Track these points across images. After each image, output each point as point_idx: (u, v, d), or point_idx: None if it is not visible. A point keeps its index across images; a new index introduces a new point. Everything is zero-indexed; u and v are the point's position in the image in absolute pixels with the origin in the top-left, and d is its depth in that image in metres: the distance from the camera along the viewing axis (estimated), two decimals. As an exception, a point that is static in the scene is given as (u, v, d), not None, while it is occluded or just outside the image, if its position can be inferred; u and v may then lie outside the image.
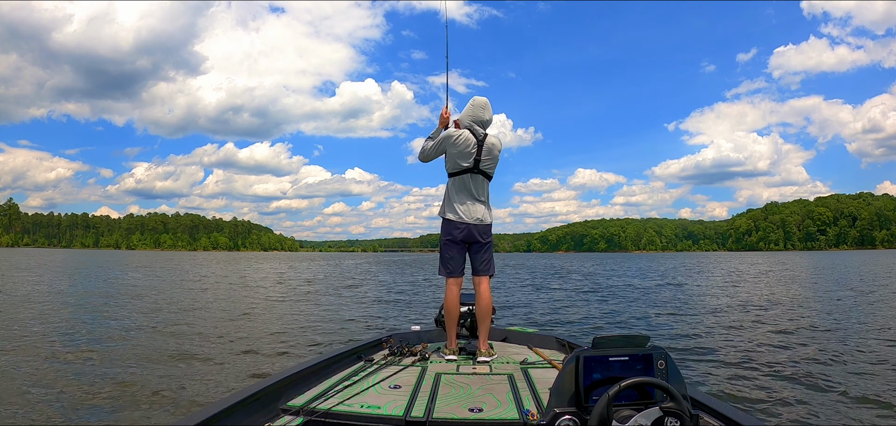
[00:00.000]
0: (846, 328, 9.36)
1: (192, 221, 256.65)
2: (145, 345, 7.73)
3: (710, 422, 2.37)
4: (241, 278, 26.00)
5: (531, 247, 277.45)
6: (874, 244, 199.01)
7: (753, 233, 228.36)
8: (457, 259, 3.90)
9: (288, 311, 12.46)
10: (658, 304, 14.00)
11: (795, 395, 5.21)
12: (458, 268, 3.91)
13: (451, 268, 3.89)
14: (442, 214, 3.98)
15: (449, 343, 3.86)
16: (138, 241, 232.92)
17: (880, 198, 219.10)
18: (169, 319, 10.52)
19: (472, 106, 3.91)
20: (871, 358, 6.88)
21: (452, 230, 3.89)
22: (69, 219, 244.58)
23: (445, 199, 3.97)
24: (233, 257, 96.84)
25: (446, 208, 3.95)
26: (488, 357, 3.69)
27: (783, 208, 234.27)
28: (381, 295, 17.45)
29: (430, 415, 2.52)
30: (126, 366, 6.43)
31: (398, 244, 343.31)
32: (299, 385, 2.94)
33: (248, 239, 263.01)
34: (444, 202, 3.99)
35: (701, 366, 6.54)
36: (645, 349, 2.18)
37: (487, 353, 3.72)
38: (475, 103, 3.91)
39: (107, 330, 9.09)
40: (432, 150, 3.97)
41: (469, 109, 3.90)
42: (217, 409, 2.34)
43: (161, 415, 4.69)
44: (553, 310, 12.97)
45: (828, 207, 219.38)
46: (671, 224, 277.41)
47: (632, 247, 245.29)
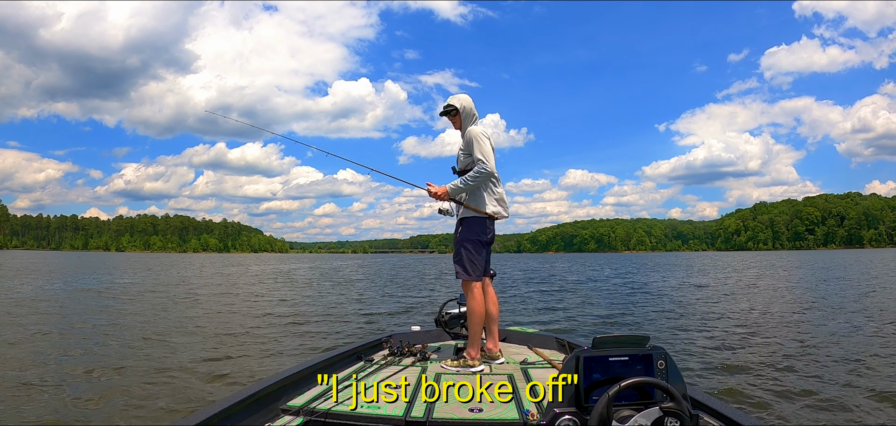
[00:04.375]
0: (843, 326, 9.46)
1: (181, 223, 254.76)
2: (145, 347, 7.70)
3: (710, 422, 2.37)
4: (236, 279, 25.88)
5: (521, 248, 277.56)
6: (862, 243, 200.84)
7: (742, 232, 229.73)
8: (482, 260, 3.74)
9: (288, 312, 12.42)
10: (658, 304, 14.07)
11: (795, 395, 5.25)
12: (484, 269, 3.78)
13: (479, 271, 3.71)
14: (475, 210, 3.72)
15: (476, 351, 3.63)
16: (128, 243, 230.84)
17: (868, 197, 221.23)
18: (168, 320, 10.48)
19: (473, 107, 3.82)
20: (871, 356, 6.94)
21: (488, 230, 3.75)
22: (58, 220, 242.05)
23: (479, 193, 3.72)
24: (223, 259, 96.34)
25: (482, 202, 3.72)
26: (500, 358, 3.72)
27: (772, 208, 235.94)
28: (380, 295, 17.42)
29: (430, 415, 2.52)
30: (126, 367, 6.40)
31: (388, 245, 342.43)
32: (299, 385, 2.94)
33: (238, 240, 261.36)
34: (474, 197, 3.73)
35: (701, 366, 6.57)
36: (645, 349, 2.18)
37: (499, 354, 3.75)
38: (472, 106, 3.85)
39: (106, 331, 9.04)
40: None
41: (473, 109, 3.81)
42: (217, 409, 2.34)
43: (161, 416, 4.68)
44: (553, 310, 13.02)
45: (816, 207, 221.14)
46: (661, 224, 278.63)
47: (621, 248, 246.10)
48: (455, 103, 3.78)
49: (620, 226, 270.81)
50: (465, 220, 3.75)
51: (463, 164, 3.74)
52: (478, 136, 3.65)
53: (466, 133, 3.74)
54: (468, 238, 3.71)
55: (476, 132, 3.68)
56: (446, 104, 3.81)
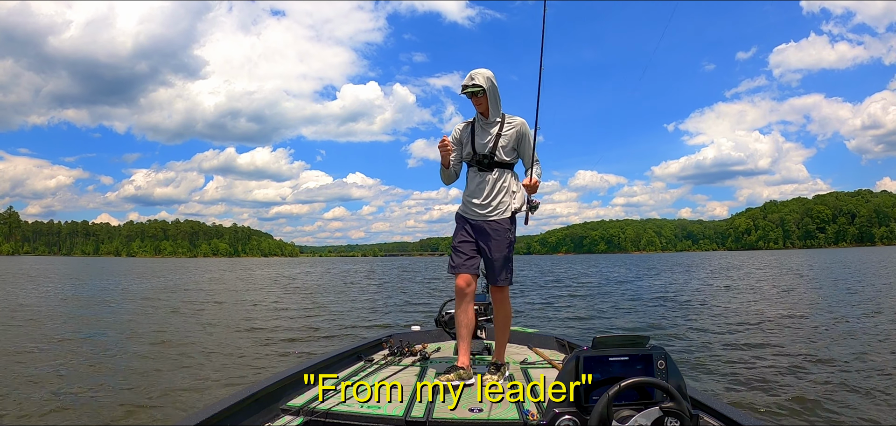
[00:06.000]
0: (846, 325, 9.40)
1: (191, 228, 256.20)
2: (145, 347, 7.78)
3: (710, 422, 2.36)
4: (241, 282, 26.00)
5: (531, 250, 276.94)
6: (873, 241, 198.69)
7: (752, 232, 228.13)
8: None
9: (288, 313, 12.50)
10: (658, 304, 14.04)
11: (796, 395, 5.24)
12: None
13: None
14: (518, 209, 3.40)
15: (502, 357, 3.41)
16: (138, 249, 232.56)
17: (879, 195, 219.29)
18: (169, 321, 10.56)
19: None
20: (871, 356, 6.91)
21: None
22: (69, 226, 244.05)
23: (517, 189, 3.40)
24: (234, 263, 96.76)
25: (518, 200, 3.39)
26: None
27: (782, 207, 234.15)
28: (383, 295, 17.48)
29: (429, 415, 2.52)
30: (126, 367, 6.48)
31: (398, 248, 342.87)
32: (299, 385, 2.92)
33: (248, 245, 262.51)
34: (516, 192, 3.39)
35: (701, 366, 6.56)
36: (645, 349, 2.18)
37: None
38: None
39: (106, 331, 9.14)
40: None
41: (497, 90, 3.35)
42: (217, 409, 2.34)
43: (161, 416, 4.73)
44: (553, 310, 13.03)
45: (826, 205, 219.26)
46: (671, 224, 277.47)
47: (631, 248, 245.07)
48: (482, 82, 3.25)
49: (630, 227, 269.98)
50: (510, 218, 3.38)
51: (505, 158, 3.34)
52: (531, 137, 3.35)
53: (519, 127, 3.35)
54: (513, 238, 3.38)
55: (528, 130, 3.36)
56: (473, 83, 3.27)
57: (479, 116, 3.38)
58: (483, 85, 3.24)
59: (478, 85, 3.24)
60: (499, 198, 3.32)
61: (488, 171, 3.33)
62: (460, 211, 3.47)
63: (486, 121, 3.36)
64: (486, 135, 3.35)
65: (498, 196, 3.32)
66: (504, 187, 3.33)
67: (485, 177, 3.33)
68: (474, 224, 3.36)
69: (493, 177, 3.32)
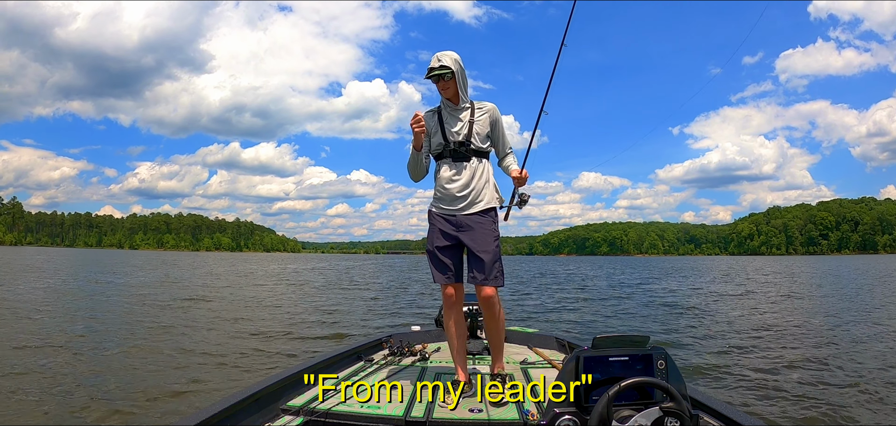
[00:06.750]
0: (847, 329, 9.38)
1: (194, 222, 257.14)
2: (146, 345, 7.75)
3: (710, 422, 2.35)
4: (243, 278, 26.03)
5: (533, 250, 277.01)
6: (876, 249, 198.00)
7: (755, 237, 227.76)
8: None
9: (288, 312, 12.49)
10: (658, 305, 14.02)
11: (796, 395, 5.23)
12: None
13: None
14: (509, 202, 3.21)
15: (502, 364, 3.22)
16: (141, 241, 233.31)
17: (883, 202, 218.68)
18: (169, 319, 10.54)
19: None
20: (871, 357, 6.91)
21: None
22: (72, 218, 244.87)
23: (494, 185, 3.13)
24: (236, 258, 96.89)
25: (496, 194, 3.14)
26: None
27: (785, 212, 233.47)
28: (383, 295, 17.48)
29: (429, 415, 2.51)
30: (126, 366, 6.45)
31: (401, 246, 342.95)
32: (299, 385, 2.91)
33: (251, 240, 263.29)
34: (493, 188, 3.12)
35: (701, 366, 6.55)
36: (645, 349, 2.18)
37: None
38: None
39: (106, 330, 9.10)
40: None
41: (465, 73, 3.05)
42: (217, 409, 2.34)
43: (161, 416, 4.70)
44: (552, 310, 13.02)
45: (830, 212, 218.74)
46: (673, 227, 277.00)
47: (634, 251, 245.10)
48: (450, 64, 2.93)
49: (633, 230, 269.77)
50: (494, 210, 3.08)
51: (481, 146, 3.04)
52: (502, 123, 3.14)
53: (491, 112, 3.07)
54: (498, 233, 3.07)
55: (499, 115, 3.11)
56: (441, 65, 2.94)
57: (447, 102, 3.05)
58: (451, 67, 2.92)
59: (446, 66, 2.92)
60: (480, 188, 3.01)
61: (465, 160, 3.01)
62: (434, 209, 3.11)
63: (455, 106, 3.03)
64: (456, 121, 3.03)
65: (479, 186, 3.01)
66: (484, 177, 3.03)
67: (462, 167, 3.00)
68: (453, 220, 3.01)
69: (472, 166, 3.01)
